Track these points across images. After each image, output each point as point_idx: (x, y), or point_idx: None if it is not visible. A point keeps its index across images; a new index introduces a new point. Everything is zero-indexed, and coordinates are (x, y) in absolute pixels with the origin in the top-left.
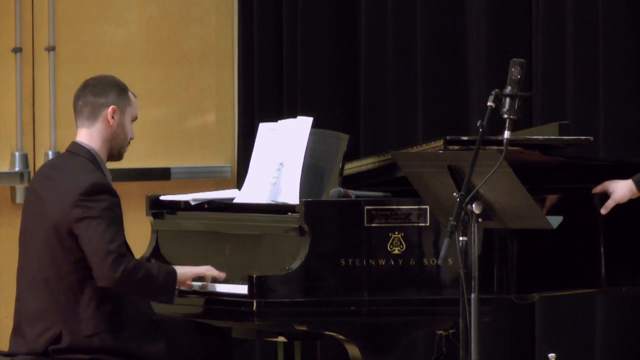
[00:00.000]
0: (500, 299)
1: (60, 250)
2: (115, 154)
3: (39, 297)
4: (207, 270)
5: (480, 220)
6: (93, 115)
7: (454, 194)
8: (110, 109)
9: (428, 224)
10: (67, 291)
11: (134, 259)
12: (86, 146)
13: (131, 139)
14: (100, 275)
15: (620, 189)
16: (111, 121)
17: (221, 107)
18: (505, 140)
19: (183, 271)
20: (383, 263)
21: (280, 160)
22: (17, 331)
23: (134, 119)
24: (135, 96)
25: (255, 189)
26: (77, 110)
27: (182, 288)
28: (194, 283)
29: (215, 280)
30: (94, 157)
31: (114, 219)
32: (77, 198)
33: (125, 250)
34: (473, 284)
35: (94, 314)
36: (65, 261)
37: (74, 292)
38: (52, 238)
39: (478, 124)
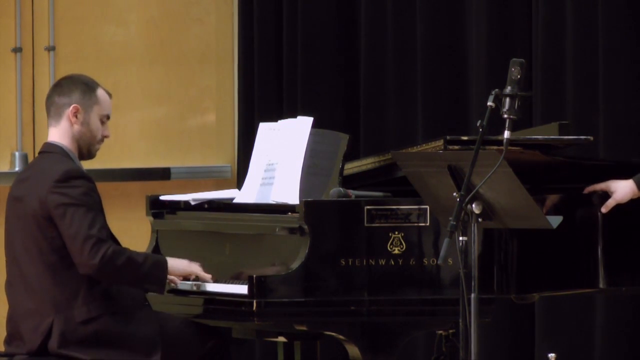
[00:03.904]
0: (500, 299)
1: (43, 240)
2: (85, 152)
3: (30, 296)
4: (197, 269)
5: (480, 220)
6: (57, 115)
7: (454, 194)
8: (72, 107)
9: (428, 224)
10: (55, 281)
11: (115, 245)
12: (57, 144)
13: (105, 136)
14: (80, 262)
15: (622, 189)
16: (73, 120)
17: (221, 107)
18: (505, 140)
19: (175, 264)
20: (383, 263)
21: (280, 160)
22: (10, 339)
23: (106, 117)
24: (109, 95)
25: (255, 189)
26: (46, 110)
27: (172, 285)
28: (185, 282)
29: (200, 280)
30: (66, 153)
31: (92, 204)
32: (53, 185)
33: (105, 235)
34: (473, 284)
35: (85, 300)
36: (50, 251)
37: (62, 281)
38: (34, 230)
39: (478, 124)
